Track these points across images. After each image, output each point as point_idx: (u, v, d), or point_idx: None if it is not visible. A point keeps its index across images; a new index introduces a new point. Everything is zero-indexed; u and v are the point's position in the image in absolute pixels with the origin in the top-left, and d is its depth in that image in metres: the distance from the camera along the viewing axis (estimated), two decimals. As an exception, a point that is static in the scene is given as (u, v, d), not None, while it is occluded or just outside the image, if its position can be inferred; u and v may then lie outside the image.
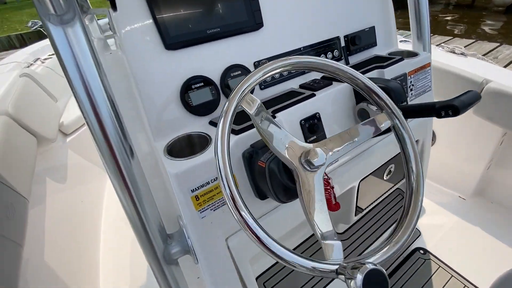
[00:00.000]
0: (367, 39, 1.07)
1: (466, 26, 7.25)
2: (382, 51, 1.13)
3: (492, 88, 1.27)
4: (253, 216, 0.46)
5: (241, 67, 0.82)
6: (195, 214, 0.64)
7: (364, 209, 1.20)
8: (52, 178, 1.56)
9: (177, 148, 0.72)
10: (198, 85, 0.76)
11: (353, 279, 0.40)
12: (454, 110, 0.66)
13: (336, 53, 1.01)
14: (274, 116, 0.73)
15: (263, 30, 0.85)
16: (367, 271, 0.40)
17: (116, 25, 0.67)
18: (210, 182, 0.64)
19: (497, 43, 4.01)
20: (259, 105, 0.54)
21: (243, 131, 0.68)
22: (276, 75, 0.86)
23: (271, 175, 0.60)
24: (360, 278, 0.39)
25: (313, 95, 0.81)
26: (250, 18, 0.81)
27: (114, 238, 1.70)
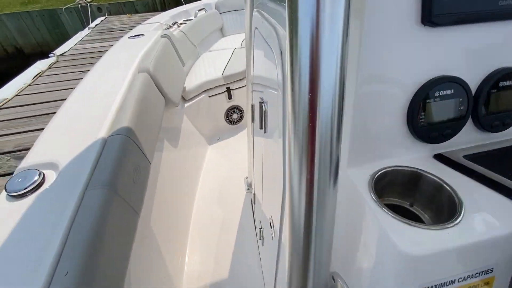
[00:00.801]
0: None
1: None
2: None
3: None
4: None
5: None
6: None
7: None
8: (169, 142, 1.55)
9: (377, 186, 0.46)
10: (445, 92, 0.46)
11: None
12: None
13: None
14: None
15: None
16: None
17: None
18: (456, 282, 0.37)
19: None
20: None
21: None
22: None
23: None
24: None
25: None
26: None
27: (204, 212, 1.63)
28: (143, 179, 0.96)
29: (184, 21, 2.79)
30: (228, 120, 2.37)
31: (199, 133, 2.12)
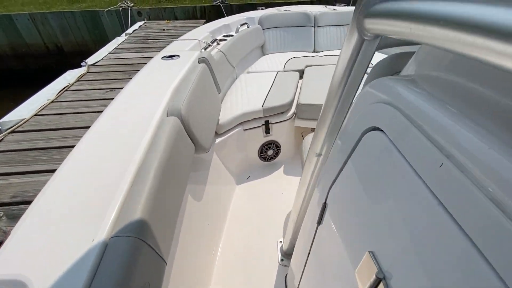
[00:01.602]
0: None
1: None
2: None
3: None
4: None
5: None
6: None
7: None
8: (193, 186, 1.40)
9: None
10: None
11: None
12: None
13: None
14: None
15: None
16: None
17: None
18: None
19: None
20: None
21: None
22: None
23: None
24: None
25: None
26: None
27: (230, 250, 1.53)
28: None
29: (224, 36, 2.54)
30: (261, 156, 2.11)
31: (227, 171, 1.87)
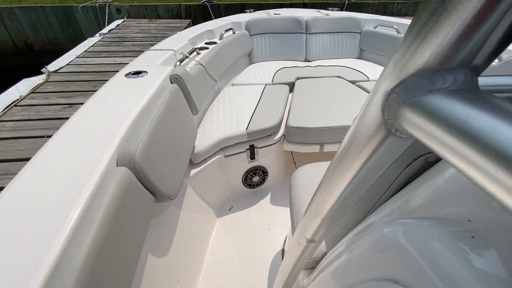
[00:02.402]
0: None
1: None
2: None
3: None
4: None
5: None
6: None
7: None
8: (160, 227, 1.17)
9: None
10: None
11: None
12: None
13: None
14: None
15: None
16: None
17: None
18: None
19: None
20: None
21: None
22: None
23: None
24: None
25: None
26: None
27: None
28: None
29: (206, 44, 2.23)
30: (246, 183, 1.84)
31: (206, 205, 1.61)
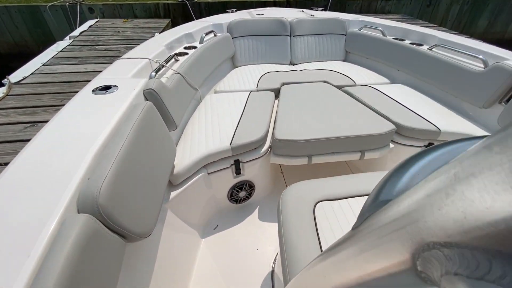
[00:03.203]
0: None
1: None
2: None
3: None
4: None
5: None
6: None
7: None
8: (135, 265, 1.05)
9: None
10: None
11: None
12: None
13: None
14: None
15: None
16: None
17: None
18: None
19: None
20: None
21: None
22: None
23: None
24: None
25: None
26: None
27: None
28: None
29: (185, 48, 2.08)
30: (232, 198, 1.72)
31: (188, 227, 1.50)
